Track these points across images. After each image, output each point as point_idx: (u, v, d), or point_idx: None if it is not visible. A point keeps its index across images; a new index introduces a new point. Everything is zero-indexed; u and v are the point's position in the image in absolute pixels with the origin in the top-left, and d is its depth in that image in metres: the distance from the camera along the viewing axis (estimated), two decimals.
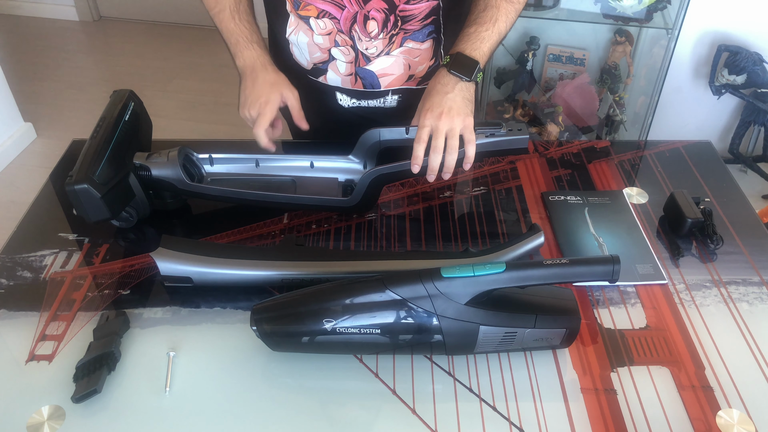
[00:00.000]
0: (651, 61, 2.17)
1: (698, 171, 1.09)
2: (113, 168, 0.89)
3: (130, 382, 0.74)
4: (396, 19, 1.01)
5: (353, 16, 1.00)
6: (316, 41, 1.05)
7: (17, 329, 0.81)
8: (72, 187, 0.84)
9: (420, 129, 0.90)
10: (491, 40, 0.95)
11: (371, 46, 1.03)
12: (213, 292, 0.85)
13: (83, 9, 3.66)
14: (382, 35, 1.02)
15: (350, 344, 0.74)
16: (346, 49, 1.04)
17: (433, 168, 0.89)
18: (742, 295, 0.86)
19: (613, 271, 0.69)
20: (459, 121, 0.89)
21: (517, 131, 0.94)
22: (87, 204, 0.86)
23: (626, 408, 0.72)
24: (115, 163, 0.89)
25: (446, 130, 0.89)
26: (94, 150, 0.88)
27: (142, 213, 0.95)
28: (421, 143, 0.89)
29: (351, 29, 1.02)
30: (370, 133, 0.97)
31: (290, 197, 0.97)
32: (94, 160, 0.87)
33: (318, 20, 1.02)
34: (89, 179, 0.85)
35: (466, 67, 0.92)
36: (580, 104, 2.23)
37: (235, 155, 1.01)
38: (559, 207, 1.00)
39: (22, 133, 2.66)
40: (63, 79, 3.14)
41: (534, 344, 0.75)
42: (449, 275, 0.70)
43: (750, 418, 0.71)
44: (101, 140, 0.90)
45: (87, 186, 0.84)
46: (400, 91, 1.11)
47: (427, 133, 0.90)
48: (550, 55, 2.27)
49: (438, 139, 0.89)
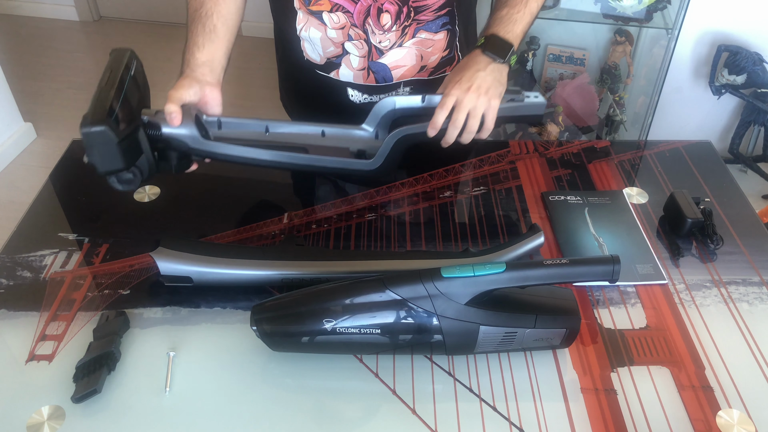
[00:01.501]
0: (651, 61, 2.17)
1: (698, 171, 1.09)
2: (126, 117, 0.81)
3: (130, 382, 0.74)
4: (409, 11, 1.01)
5: (366, 9, 1.00)
6: (329, 35, 1.04)
7: (17, 329, 0.81)
8: (88, 129, 0.76)
9: (445, 97, 0.90)
10: (524, 21, 0.96)
11: (384, 39, 1.03)
12: (213, 292, 0.85)
13: (83, 9, 3.66)
14: (395, 27, 1.02)
15: (350, 344, 0.74)
16: (360, 43, 1.04)
17: (448, 141, 0.91)
18: (742, 295, 0.86)
19: (613, 271, 0.69)
20: (485, 100, 0.90)
21: (534, 98, 0.95)
22: (102, 149, 0.79)
23: (626, 408, 0.72)
24: (127, 113, 0.82)
25: (470, 107, 0.89)
26: (107, 95, 0.80)
27: (146, 174, 0.88)
28: (444, 110, 0.89)
29: (364, 23, 1.01)
30: (384, 101, 0.95)
31: (308, 158, 0.93)
32: (108, 104, 0.79)
33: (331, 14, 1.01)
34: (107, 121, 0.77)
35: (501, 49, 0.93)
36: (580, 104, 2.23)
37: (244, 120, 0.95)
38: (559, 207, 1.00)
39: (22, 133, 2.66)
40: (63, 79, 3.14)
41: (534, 344, 0.75)
42: (449, 275, 0.70)
43: (750, 418, 0.71)
44: (112, 87, 0.81)
45: (105, 128, 0.76)
46: (412, 82, 1.10)
47: (451, 103, 0.90)
48: (550, 55, 2.27)
49: (459, 113, 0.89)
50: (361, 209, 1.00)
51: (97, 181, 1.08)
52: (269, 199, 1.06)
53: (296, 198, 1.03)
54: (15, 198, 2.40)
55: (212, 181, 1.08)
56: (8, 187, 2.47)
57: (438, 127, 0.90)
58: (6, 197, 2.41)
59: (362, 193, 1.03)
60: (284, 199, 1.05)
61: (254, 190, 1.07)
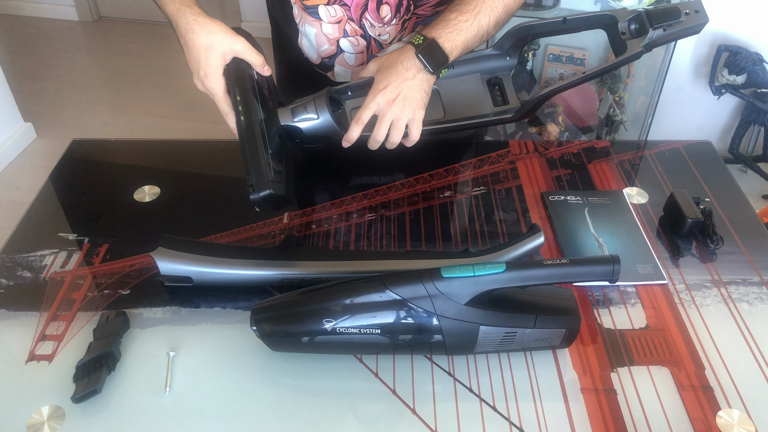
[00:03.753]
0: (651, 61, 2.17)
1: (698, 171, 1.09)
2: (275, 151, 0.83)
3: (130, 382, 0.74)
4: (408, 4, 1.00)
5: (365, 2, 0.99)
6: (324, 31, 1.03)
7: (17, 329, 0.81)
8: (257, 197, 0.78)
9: (364, 108, 0.87)
10: (468, 33, 0.89)
11: (384, 32, 1.02)
12: (213, 292, 0.85)
13: (83, 9, 3.66)
14: (395, 20, 1.01)
15: (350, 344, 0.74)
16: (356, 39, 1.03)
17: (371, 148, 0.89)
18: (742, 295, 0.86)
19: (613, 271, 0.69)
20: (409, 112, 0.87)
21: (694, 13, 0.93)
22: (276, 204, 0.81)
23: (626, 408, 0.72)
24: (275, 149, 0.83)
25: (392, 119, 0.87)
26: (254, 143, 0.80)
27: (299, 168, 0.89)
28: (359, 124, 0.87)
29: (362, 17, 1.01)
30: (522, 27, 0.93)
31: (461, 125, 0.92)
32: (260, 156, 0.80)
33: (329, 7, 1.00)
34: (269, 184, 0.79)
35: (435, 60, 0.87)
36: (580, 104, 2.23)
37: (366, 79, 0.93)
38: (559, 207, 1.00)
39: (22, 133, 2.66)
40: (63, 79, 3.14)
41: (534, 344, 0.75)
42: (449, 275, 0.70)
43: (750, 418, 0.71)
44: (251, 125, 0.82)
45: (270, 191, 0.79)
46: None
47: (369, 115, 0.87)
48: (550, 55, 2.27)
49: (380, 128, 0.87)
50: (361, 209, 1.00)
51: (97, 181, 1.08)
52: None
53: (296, 198, 1.03)
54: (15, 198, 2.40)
55: (212, 181, 1.09)
56: (8, 187, 2.47)
57: (352, 141, 0.87)
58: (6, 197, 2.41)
59: (362, 193, 1.03)
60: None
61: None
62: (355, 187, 1.05)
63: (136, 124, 2.80)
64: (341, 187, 1.06)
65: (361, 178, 1.07)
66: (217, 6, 3.43)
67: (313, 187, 1.07)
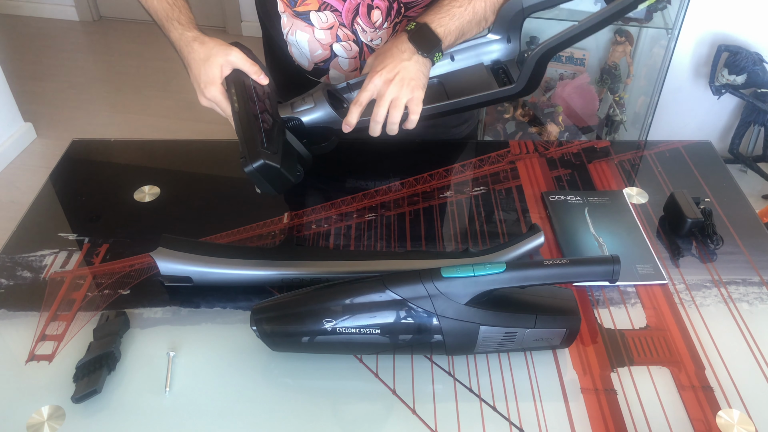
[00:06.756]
0: (651, 61, 2.17)
1: (698, 171, 1.09)
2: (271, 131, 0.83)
3: (130, 382, 0.74)
4: (399, 7, 1.00)
5: (355, 7, 0.99)
6: (317, 37, 1.03)
7: (17, 329, 0.81)
8: (251, 167, 0.78)
9: (362, 90, 0.86)
10: (462, 18, 0.89)
11: (376, 36, 1.02)
12: (213, 292, 0.85)
13: (83, 9, 3.66)
14: (387, 24, 1.01)
15: (350, 344, 0.74)
16: (348, 44, 1.03)
17: (372, 134, 0.88)
18: (742, 295, 0.86)
19: (613, 271, 0.69)
20: (407, 91, 0.86)
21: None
22: (271, 179, 0.81)
23: (626, 408, 0.72)
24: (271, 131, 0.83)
25: (391, 98, 0.86)
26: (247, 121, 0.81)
27: (306, 166, 0.89)
28: (359, 106, 0.86)
29: (353, 22, 1.00)
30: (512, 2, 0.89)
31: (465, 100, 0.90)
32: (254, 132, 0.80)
33: (319, 13, 1.00)
34: (262, 153, 0.78)
35: (427, 43, 0.87)
36: (580, 104, 2.23)
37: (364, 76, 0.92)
38: (559, 207, 1.00)
39: (22, 133, 2.66)
40: (63, 79, 3.14)
41: (534, 344, 0.75)
42: (449, 275, 0.70)
43: (750, 418, 0.71)
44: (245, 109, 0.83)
45: (264, 161, 0.78)
46: None
47: (368, 98, 0.86)
48: None
49: (380, 108, 0.86)
50: (361, 209, 1.00)
51: (97, 181, 1.08)
52: (269, 199, 1.06)
53: (296, 198, 1.03)
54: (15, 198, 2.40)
55: (212, 181, 1.09)
56: (8, 187, 2.47)
57: (353, 126, 0.87)
58: (6, 197, 2.41)
59: (362, 193, 1.03)
60: (284, 199, 1.05)
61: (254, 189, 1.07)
62: (356, 188, 1.05)
63: (136, 124, 2.80)
64: (341, 187, 1.06)
65: (361, 178, 1.07)
66: (217, 6, 3.43)
67: (313, 187, 1.07)
